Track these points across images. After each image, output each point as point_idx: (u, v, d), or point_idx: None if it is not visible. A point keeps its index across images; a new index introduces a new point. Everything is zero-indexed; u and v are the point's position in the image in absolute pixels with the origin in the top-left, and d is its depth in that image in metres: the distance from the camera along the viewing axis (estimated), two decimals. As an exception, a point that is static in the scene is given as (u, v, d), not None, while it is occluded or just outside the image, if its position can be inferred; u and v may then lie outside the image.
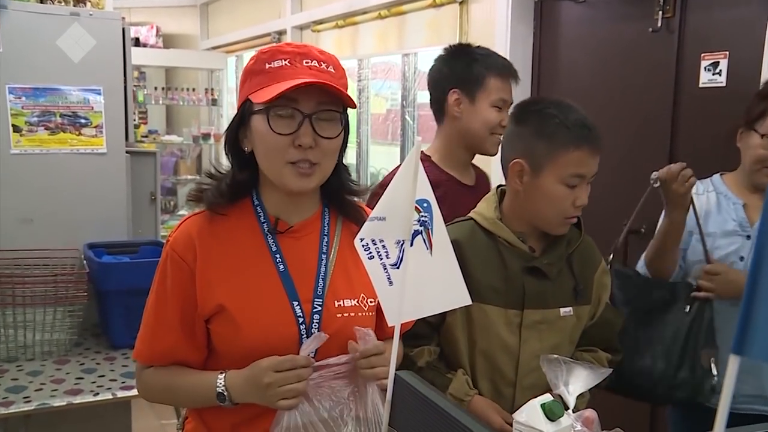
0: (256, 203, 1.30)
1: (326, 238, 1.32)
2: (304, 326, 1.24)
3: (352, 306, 1.29)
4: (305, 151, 1.20)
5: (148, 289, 1.31)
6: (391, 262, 1.02)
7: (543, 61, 3.41)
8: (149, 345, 1.29)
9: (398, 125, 4.55)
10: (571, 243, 1.57)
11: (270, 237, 1.28)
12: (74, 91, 2.79)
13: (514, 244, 1.52)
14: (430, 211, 1.00)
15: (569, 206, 1.46)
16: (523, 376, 1.51)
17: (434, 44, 4.08)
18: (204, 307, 1.24)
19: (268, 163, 1.24)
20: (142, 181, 3.18)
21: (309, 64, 1.21)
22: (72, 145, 2.79)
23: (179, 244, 1.27)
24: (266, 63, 1.21)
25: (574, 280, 1.55)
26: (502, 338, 1.50)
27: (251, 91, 1.22)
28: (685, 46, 2.68)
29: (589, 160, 1.44)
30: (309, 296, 1.26)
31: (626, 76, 2.94)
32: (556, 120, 1.44)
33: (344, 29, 4.88)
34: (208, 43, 7.32)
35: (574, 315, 1.55)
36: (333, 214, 1.36)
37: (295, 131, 1.19)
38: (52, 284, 2.32)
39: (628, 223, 2.00)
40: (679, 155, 2.72)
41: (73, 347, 2.40)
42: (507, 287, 1.49)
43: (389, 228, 0.99)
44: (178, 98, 6.86)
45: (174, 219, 6.44)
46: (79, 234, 2.73)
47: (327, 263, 1.29)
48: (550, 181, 1.45)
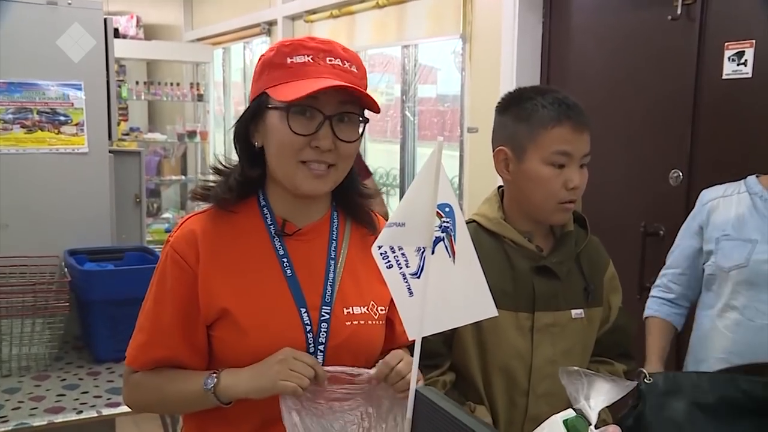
0: (263, 203, 1.31)
1: (335, 242, 1.32)
2: (311, 334, 1.24)
3: (362, 314, 1.29)
4: (322, 153, 1.21)
5: (134, 299, 1.30)
6: (411, 271, 1.01)
7: (553, 53, 3.39)
8: (145, 351, 1.28)
9: (398, 122, 4.53)
10: (578, 242, 1.59)
11: (277, 240, 1.28)
12: (53, 86, 2.76)
13: (520, 244, 1.54)
14: (452, 216, 0.99)
15: (560, 189, 1.47)
16: (537, 383, 1.52)
17: (436, 35, 4.07)
18: (207, 311, 1.24)
19: (280, 162, 1.24)
20: (126, 183, 3.15)
21: (332, 63, 1.21)
22: (51, 144, 2.75)
23: (181, 243, 1.26)
24: (287, 57, 1.21)
25: (584, 281, 1.57)
26: (513, 343, 1.51)
27: (269, 84, 1.22)
28: (708, 35, 2.66)
29: (571, 136, 1.46)
30: (317, 303, 1.26)
31: (643, 68, 2.92)
32: (533, 102, 1.50)
33: (339, 19, 4.85)
34: (192, 34, 7.29)
35: (585, 317, 1.56)
36: (342, 217, 1.36)
37: (314, 132, 1.20)
38: (31, 294, 2.30)
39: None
40: (701, 153, 2.71)
41: (53, 362, 2.37)
42: (516, 289, 1.51)
43: (409, 235, 0.98)
44: (161, 93, 6.83)
45: (158, 222, 6.41)
46: (59, 240, 2.70)
47: (335, 269, 1.30)
48: (535, 164, 1.48)
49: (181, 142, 6.93)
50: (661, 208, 2.82)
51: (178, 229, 1.30)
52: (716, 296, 1.97)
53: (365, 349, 1.30)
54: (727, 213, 1.96)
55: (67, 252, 2.61)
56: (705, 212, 2.01)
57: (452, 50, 4.00)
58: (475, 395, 1.54)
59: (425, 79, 4.50)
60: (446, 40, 4.01)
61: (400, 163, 4.54)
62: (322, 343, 1.25)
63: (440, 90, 4.58)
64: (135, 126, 6.87)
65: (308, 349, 1.23)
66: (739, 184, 2.00)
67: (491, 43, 3.55)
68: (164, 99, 6.91)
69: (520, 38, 3.37)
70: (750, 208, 1.93)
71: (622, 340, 1.66)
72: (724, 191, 2.01)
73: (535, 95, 1.51)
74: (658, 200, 2.84)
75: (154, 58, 7.16)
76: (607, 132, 2.97)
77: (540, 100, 1.49)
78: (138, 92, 6.75)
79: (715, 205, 2.00)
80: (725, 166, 2.48)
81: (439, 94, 4.59)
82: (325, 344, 1.25)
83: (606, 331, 1.63)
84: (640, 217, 2.86)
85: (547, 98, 1.49)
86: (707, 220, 2.00)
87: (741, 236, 1.90)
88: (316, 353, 1.24)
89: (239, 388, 1.18)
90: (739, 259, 1.88)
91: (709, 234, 1.99)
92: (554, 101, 1.48)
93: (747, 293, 1.89)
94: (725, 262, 1.92)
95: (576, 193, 1.49)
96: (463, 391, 1.55)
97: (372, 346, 1.32)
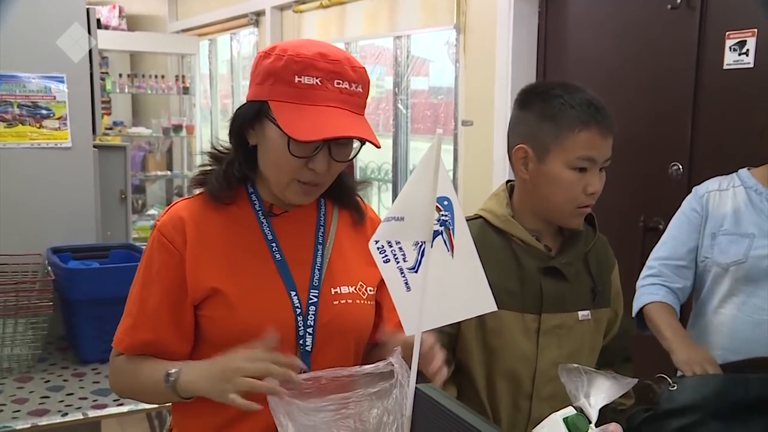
0: (251, 191, 1.35)
1: (323, 228, 1.37)
2: (301, 317, 1.28)
3: (349, 293, 1.33)
4: (316, 175, 1.25)
5: (120, 298, 1.32)
6: (408, 265, 1.02)
7: (549, 44, 3.40)
8: (131, 334, 1.31)
9: (390, 115, 4.53)
10: (587, 241, 1.57)
11: (266, 224, 1.32)
12: (34, 78, 2.74)
13: (529, 243, 1.52)
14: (451, 209, 0.99)
15: (580, 193, 1.45)
16: (541, 386, 1.51)
17: (429, 26, 4.07)
18: (195, 291, 1.27)
19: (273, 174, 1.28)
20: (111, 179, 3.14)
21: (340, 86, 1.22)
22: (32, 138, 2.73)
23: (167, 227, 1.29)
24: (296, 75, 1.20)
25: (592, 281, 1.56)
26: (519, 345, 1.50)
27: (274, 98, 1.22)
28: (708, 24, 2.67)
29: (598, 141, 1.44)
30: (305, 286, 1.30)
31: (642, 59, 2.93)
32: (560, 100, 1.45)
33: (330, 9, 4.85)
34: (177, 25, 7.27)
35: (592, 319, 1.55)
36: (329, 204, 1.41)
37: (311, 155, 1.23)
38: (12, 293, 2.28)
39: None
40: (702, 145, 2.72)
41: (36, 363, 2.36)
42: (523, 290, 1.49)
43: (407, 229, 0.98)
44: (145, 86, 6.81)
45: (143, 219, 6.39)
46: (42, 237, 2.69)
47: (323, 253, 1.34)
48: (558, 166, 1.45)
49: (167, 136, 6.91)
50: (660, 202, 2.82)
51: (165, 213, 1.33)
52: (711, 292, 1.97)
53: (354, 327, 1.33)
54: (723, 207, 1.96)
55: (51, 250, 2.59)
56: (702, 205, 2.01)
57: (446, 41, 4.01)
58: (477, 399, 1.53)
59: (418, 71, 4.50)
60: (440, 31, 4.01)
61: (392, 158, 4.55)
62: (311, 325, 1.28)
63: (433, 82, 4.58)
64: (119, 120, 6.85)
65: (297, 330, 1.27)
66: (732, 177, 2.00)
67: (486, 33, 3.56)
68: (148, 92, 6.89)
69: (515, 28, 3.37)
70: (746, 202, 1.93)
71: (626, 345, 1.68)
72: (719, 185, 2.01)
73: (563, 93, 1.46)
74: (658, 194, 2.85)
75: (138, 49, 7.14)
76: (605, 124, 2.97)
77: (568, 99, 1.44)
78: (121, 85, 6.73)
79: (711, 198, 2.00)
80: (727, 158, 2.49)
81: (432, 86, 4.59)
82: (314, 326, 1.28)
83: (613, 337, 1.63)
84: (639, 212, 2.87)
85: (576, 98, 1.44)
86: (705, 214, 2.00)
87: (738, 231, 1.90)
88: (305, 335, 1.27)
89: (197, 386, 1.20)
90: (737, 254, 1.88)
91: (707, 228, 1.99)
92: (583, 102, 1.44)
93: (745, 289, 1.89)
94: (723, 258, 1.92)
95: (594, 198, 1.47)
96: (464, 393, 1.55)
97: (361, 326, 1.35)
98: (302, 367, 1.18)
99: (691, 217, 2.03)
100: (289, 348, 1.26)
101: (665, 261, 2.05)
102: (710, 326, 1.97)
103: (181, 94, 6.95)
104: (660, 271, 2.04)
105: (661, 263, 2.05)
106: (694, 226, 2.02)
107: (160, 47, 7.03)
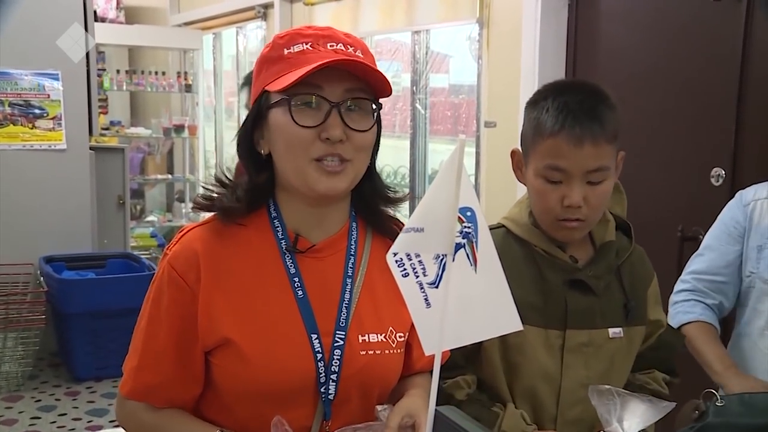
0: (274, 215, 1.30)
1: (353, 258, 1.32)
2: (322, 363, 1.24)
3: (379, 342, 1.29)
4: (334, 145, 1.20)
5: (118, 311, 1.33)
6: (428, 280, 1.01)
7: (580, 39, 3.39)
8: (135, 376, 1.28)
9: (407, 115, 4.54)
10: (620, 253, 1.56)
11: (288, 257, 1.28)
12: (26, 75, 2.77)
13: (552, 254, 1.52)
14: (474, 221, 0.99)
15: (556, 205, 1.45)
16: (566, 408, 1.50)
17: (450, 20, 4.08)
18: (206, 337, 1.24)
19: (290, 163, 1.23)
20: (108, 183, 3.16)
21: (334, 48, 1.22)
22: (24, 139, 2.76)
23: (180, 260, 1.26)
24: (284, 48, 1.23)
25: (625, 297, 1.55)
26: (541, 363, 1.49)
27: (268, 81, 1.24)
28: (755, 18, 2.65)
29: (566, 150, 1.42)
30: (330, 328, 1.26)
31: (681, 55, 2.92)
32: (543, 103, 1.47)
33: (343, 1, 4.87)
34: (179, 18, 7.32)
35: (624, 337, 1.54)
36: (362, 227, 1.37)
37: (322, 123, 1.20)
38: (2, 305, 2.31)
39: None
40: (746, 149, 2.70)
41: (27, 381, 2.38)
42: (546, 304, 1.49)
43: (428, 241, 0.98)
44: (144, 83, 6.86)
45: (142, 226, 6.43)
46: (35, 246, 2.71)
47: (352, 289, 1.30)
48: (531, 174, 1.48)
49: (168, 137, 6.96)
50: (700, 210, 2.81)
51: (178, 242, 1.29)
52: (756, 311, 1.95)
53: (380, 382, 1.30)
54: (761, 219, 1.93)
55: (43, 259, 2.62)
56: (746, 215, 1.99)
57: (467, 36, 4.01)
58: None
59: (438, 68, 4.51)
60: (461, 25, 4.02)
61: (410, 161, 4.55)
62: (335, 372, 1.25)
63: (454, 80, 4.59)
64: (116, 119, 6.90)
65: (318, 379, 1.23)
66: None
67: (511, 28, 3.56)
68: (148, 89, 6.94)
69: (543, 23, 3.36)
70: None
71: (666, 357, 1.65)
72: (754, 194, 1.98)
73: (551, 93, 1.47)
74: (698, 201, 2.83)
75: (137, 44, 7.20)
76: (641, 127, 2.96)
77: (551, 102, 1.45)
78: (119, 82, 6.78)
79: (758, 207, 1.98)
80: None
81: (452, 84, 4.60)
82: (338, 374, 1.25)
83: (649, 347, 1.61)
84: (678, 220, 2.85)
85: (559, 100, 1.45)
86: (749, 225, 1.98)
87: None
88: (327, 384, 1.24)
89: None
90: None
91: (751, 241, 1.96)
92: (560, 106, 1.43)
93: None
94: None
95: (577, 212, 1.44)
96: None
97: (388, 379, 1.32)
98: None
99: (731, 228, 1.99)
100: (309, 396, 1.24)
101: (700, 275, 2.02)
102: (755, 350, 1.94)
103: (183, 91, 6.99)
104: (695, 287, 2.01)
105: (695, 277, 2.02)
106: (733, 238, 1.99)
107: (161, 41, 7.08)
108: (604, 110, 1.44)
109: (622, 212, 1.65)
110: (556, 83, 1.55)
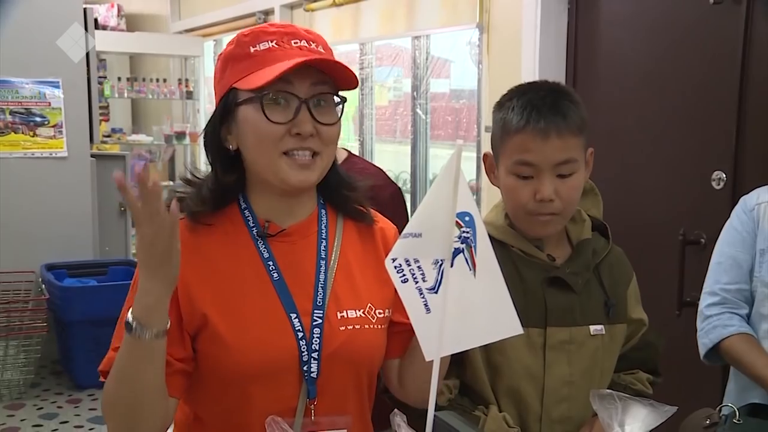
0: (244, 206, 1.34)
1: (324, 241, 1.36)
2: (304, 341, 1.27)
3: (358, 317, 1.32)
4: (305, 140, 1.25)
5: (119, 319, 1.30)
6: (428, 285, 1.02)
7: (580, 43, 3.39)
8: (111, 354, 1.25)
9: (408, 120, 4.55)
10: (597, 252, 1.60)
11: (261, 242, 1.32)
12: (27, 83, 2.78)
13: (530, 253, 1.55)
14: (473, 225, 1.00)
15: (529, 200, 1.48)
16: (551, 406, 1.52)
17: (450, 25, 4.08)
18: (190, 318, 1.26)
19: (261, 157, 1.27)
20: (109, 190, 3.16)
21: (298, 44, 1.27)
22: (26, 147, 2.77)
23: None
24: (250, 46, 1.27)
25: (605, 295, 1.58)
26: (524, 362, 1.51)
27: (235, 79, 1.27)
28: (755, 20, 2.65)
29: (533, 144, 1.46)
30: (308, 308, 1.29)
31: (682, 58, 2.92)
32: (510, 102, 1.51)
33: (343, 8, 4.88)
34: (180, 25, 7.34)
35: (607, 334, 1.56)
36: (331, 213, 1.40)
37: (293, 119, 1.24)
38: (3, 313, 2.31)
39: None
40: (748, 152, 2.70)
41: (29, 388, 2.38)
42: (526, 303, 1.50)
43: (426, 246, 0.99)
44: (145, 90, 6.88)
45: (143, 233, 6.43)
46: (36, 253, 2.72)
47: (327, 270, 1.33)
48: (503, 173, 1.52)
49: (169, 144, 6.97)
50: (702, 213, 2.81)
51: None
52: (760, 315, 1.94)
53: (364, 357, 1.33)
54: None
55: (45, 267, 2.62)
56: (753, 219, 1.99)
57: (468, 41, 4.02)
58: None
59: (438, 73, 4.52)
60: (461, 30, 4.02)
61: (411, 166, 4.55)
62: (316, 350, 1.27)
63: (454, 85, 4.59)
64: (117, 127, 6.93)
65: (301, 356, 1.26)
66: None
67: (511, 32, 3.56)
68: (149, 97, 6.96)
69: (543, 27, 3.37)
70: None
71: (649, 358, 1.68)
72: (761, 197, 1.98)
73: (515, 94, 1.52)
74: (699, 205, 2.83)
75: (138, 51, 7.22)
76: (641, 129, 2.96)
77: (515, 100, 1.50)
78: (120, 89, 6.80)
79: (762, 210, 1.98)
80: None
81: (453, 89, 4.60)
82: (319, 351, 1.28)
83: (633, 347, 1.64)
84: (679, 224, 2.85)
85: (523, 99, 1.49)
86: (756, 229, 1.97)
87: None
88: (309, 362, 1.27)
89: (144, 287, 1.15)
90: None
91: (757, 244, 1.96)
92: (526, 102, 1.48)
93: None
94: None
95: (550, 206, 1.48)
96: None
97: (371, 355, 1.34)
98: None
99: (744, 234, 1.97)
100: (293, 375, 1.26)
101: (727, 285, 1.99)
102: None
103: (184, 98, 7.01)
104: (725, 298, 1.98)
105: (723, 288, 1.99)
106: (748, 244, 1.97)
107: (162, 48, 7.10)
108: (567, 104, 1.49)
109: (599, 214, 1.69)
110: (520, 85, 1.59)
